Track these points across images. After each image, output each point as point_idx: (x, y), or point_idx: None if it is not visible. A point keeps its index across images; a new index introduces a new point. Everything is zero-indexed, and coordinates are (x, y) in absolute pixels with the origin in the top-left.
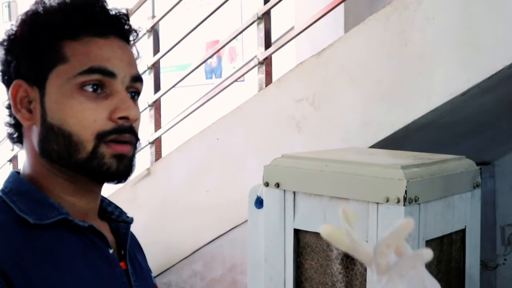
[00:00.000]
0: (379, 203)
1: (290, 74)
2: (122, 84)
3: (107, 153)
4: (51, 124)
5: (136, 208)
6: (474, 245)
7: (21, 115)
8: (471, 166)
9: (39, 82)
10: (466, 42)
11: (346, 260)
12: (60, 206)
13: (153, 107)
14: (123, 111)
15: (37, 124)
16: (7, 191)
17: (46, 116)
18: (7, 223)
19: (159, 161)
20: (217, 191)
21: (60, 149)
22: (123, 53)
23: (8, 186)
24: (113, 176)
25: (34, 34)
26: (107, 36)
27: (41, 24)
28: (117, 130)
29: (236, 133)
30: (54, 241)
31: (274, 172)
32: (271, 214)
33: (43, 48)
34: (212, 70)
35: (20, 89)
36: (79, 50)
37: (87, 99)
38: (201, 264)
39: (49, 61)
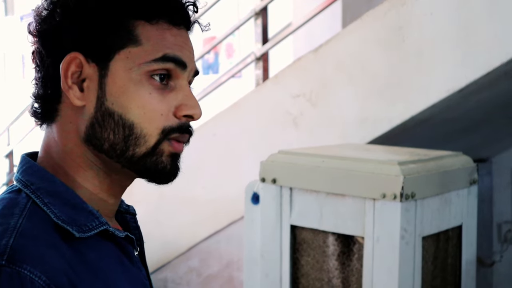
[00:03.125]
0: (375, 199)
1: (287, 70)
2: (187, 78)
3: (167, 150)
4: (111, 111)
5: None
6: (471, 241)
7: (72, 93)
8: (468, 162)
9: (101, 61)
10: (463, 38)
11: (343, 256)
12: (99, 214)
13: None
14: (190, 109)
15: (89, 107)
16: (34, 188)
17: (105, 100)
18: (52, 235)
19: None
20: (213, 186)
21: (116, 139)
22: (191, 46)
23: (35, 183)
24: (166, 175)
25: (106, 4)
26: (180, 26)
27: None
28: (181, 128)
29: (233, 129)
30: (97, 255)
31: (271, 168)
32: (268, 210)
33: (114, 23)
34: (209, 66)
35: (74, 62)
36: (154, 35)
37: (155, 90)
38: (197, 260)
39: (118, 39)
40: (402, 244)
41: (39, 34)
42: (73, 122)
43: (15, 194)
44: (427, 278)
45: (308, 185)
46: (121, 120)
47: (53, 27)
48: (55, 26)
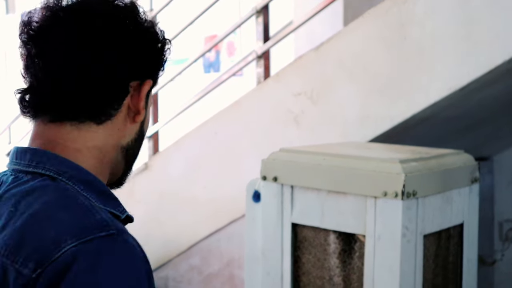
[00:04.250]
0: (377, 197)
1: (289, 68)
2: None
3: None
4: (143, 130)
5: (133, 203)
6: (472, 240)
7: (141, 113)
8: (469, 161)
9: (150, 91)
10: (465, 36)
11: (344, 254)
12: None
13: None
14: None
15: (137, 125)
16: (67, 176)
17: (144, 124)
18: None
19: (156, 155)
20: (214, 185)
21: (138, 152)
22: None
23: (67, 171)
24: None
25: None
26: None
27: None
28: None
29: (234, 127)
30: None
31: (272, 166)
32: (269, 208)
33: (163, 63)
34: (210, 64)
35: (148, 87)
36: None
37: None
38: (198, 258)
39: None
40: (404, 242)
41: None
42: (120, 130)
43: (52, 181)
44: (428, 276)
45: (309, 183)
46: (142, 143)
47: (138, 53)
48: (128, 54)
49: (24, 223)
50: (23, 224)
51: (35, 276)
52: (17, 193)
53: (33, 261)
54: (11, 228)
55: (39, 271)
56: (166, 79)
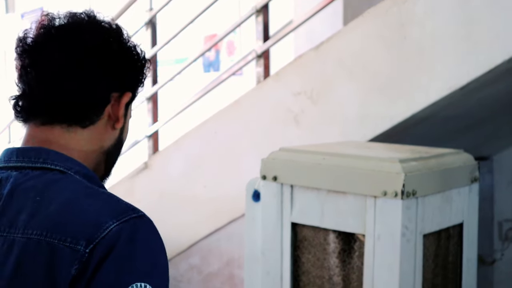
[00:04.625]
0: (376, 196)
1: (288, 68)
2: None
3: None
4: (123, 140)
5: (133, 202)
6: (472, 239)
7: (120, 121)
8: (469, 160)
9: (128, 105)
10: (465, 36)
11: (343, 254)
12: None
13: (150, 100)
14: None
15: (117, 131)
16: (74, 171)
17: (123, 131)
18: None
19: (156, 155)
20: (214, 184)
21: (117, 157)
22: None
23: (72, 167)
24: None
25: (143, 70)
26: None
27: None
28: None
29: (234, 126)
30: None
31: (272, 165)
32: (269, 207)
33: (143, 80)
34: (210, 63)
35: (127, 99)
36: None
37: None
38: (198, 258)
39: (138, 91)
40: (403, 242)
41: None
42: (102, 135)
43: (62, 175)
44: (428, 276)
45: (309, 182)
46: (121, 148)
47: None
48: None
49: (59, 209)
50: (58, 210)
51: (88, 251)
52: (36, 186)
53: (83, 239)
54: (45, 214)
55: (91, 247)
56: (166, 78)
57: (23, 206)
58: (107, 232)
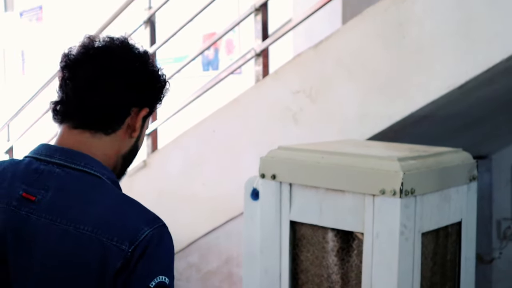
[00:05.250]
0: (375, 195)
1: (287, 66)
2: None
3: None
4: (138, 147)
5: None
6: (470, 238)
7: (136, 131)
8: (467, 159)
9: (146, 118)
10: (464, 35)
11: (342, 252)
12: None
13: None
14: None
15: (134, 139)
16: (106, 178)
17: (138, 140)
18: None
19: (155, 153)
20: (213, 183)
21: (132, 161)
22: None
23: (105, 173)
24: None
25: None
26: None
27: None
28: None
29: (233, 125)
30: None
31: (270, 163)
32: (267, 206)
33: (161, 98)
34: (209, 62)
35: (144, 113)
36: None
37: None
38: (197, 256)
39: (156, 107)
40: (402, 240)
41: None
42: (120, 141)
43: (99, 180)
44: (426, 274)
45: (308, 181)
46: (136, 154)
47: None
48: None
49: (106, 211)
50: (105, 211)
51: (131, 251)
52: (83, 187)
53: (126, 240)
54: (94, 214)
55: (133, 247)
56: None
57: (73, 203)
58: (144, 237)
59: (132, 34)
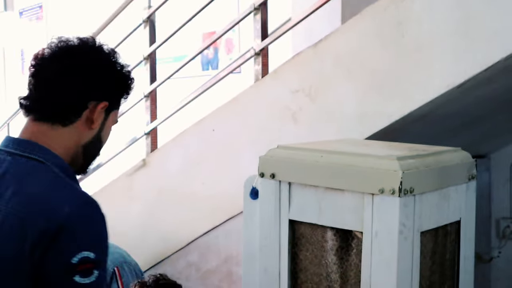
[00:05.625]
0: (374, 194)
1: (287, 65)
2: None
3: None
4: (101, 137)
5: (131, 199)
6: (469, 237)
7: (95, 123)
8: (466, 158)
9: (108, 111)
10: (463, 33)
11: (341, 251)
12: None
13: (149, 98)
14: None
15: (95, 131)
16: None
17: (101, 131)
18: None
19: (154, 152)
20: (212, 182)
21: (94, 154)
22: None
23: (49, 159)
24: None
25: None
26: None
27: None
28: None
29: (232, 124)
30: None
31: (270, 162)
32: (266, 205)
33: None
34: (208, 61)
35: (104, 106)
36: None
37: None
38: (196, 255)
39: (118, 105)
40: (401, 239)
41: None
42: (80, 133)
43: (42, 164)
44: (425, 273)
45: (307, 180)
46: (100, 145)
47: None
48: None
49: (33, 192)
50: (32, 192)
51: (46, 227)
52: (21, 170)
53: (43, 217)
54: (23, 194)
55: (49, 224)
56: (165, 76)
57: (10, 185)
58: (62, 214)
59: (132, 33)
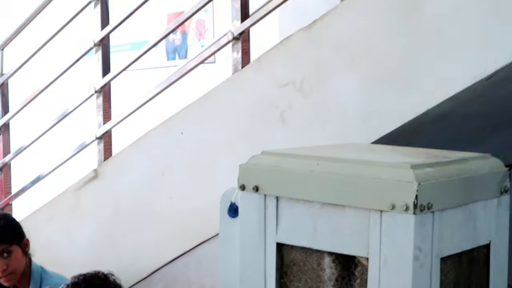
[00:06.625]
0: (383, 210)
1: (273, 53)
2: None
3: None
4: None
5: (80, 219)
6: (501, 264)
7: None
8: (498, 166)
9: None
10: (493, 13)
11: (342, 281)
12: None
13: (101, 94)
14: None
15: None
16: None
17: None
18: None
19: (108, 161)
20: (181, 197)
21: None
22: None
23: None
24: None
25: None
26: None
27: None
28: None
29: (205, 126)
30: None
31: (252, 172)
32: (248, 224)
33: None
34: (175, 49)
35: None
36: None
37: None
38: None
39: None
40: (416, 267)
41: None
42: None
43: None
44: None
45: (299, 193)
46: None
47: None
48: None
49: None
50: None
51: None
52: None
53: None
54: None
55: None
56: (120, 67)
57: None
58: None
59: (79, 14)
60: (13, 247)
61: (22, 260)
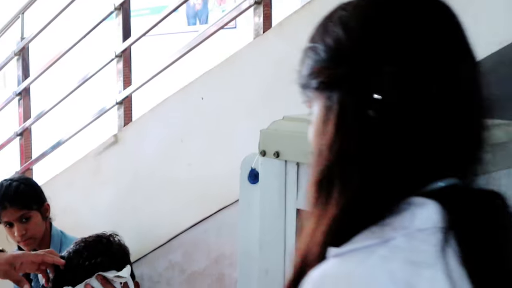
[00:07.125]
0: None
1: (295, 17)
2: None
3: None
4: None
5: (100, 184)
6: None
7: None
8: None
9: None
10: None
11: None
12: None
13: (121, 59)
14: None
15: None
16: None
17: None
18: None
19: (128, 126)
20: (201, 163)
21: None
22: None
23: None
24: None
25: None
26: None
27: None
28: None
29: (226, 91)
30: None
31: (273, 138)
32: (269, 190)
33: None
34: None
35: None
36: None
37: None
38: (180, 254)
39: None
40: None
41: None
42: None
43: None
44: None
45: None
46: None
47: None
48: None
49: None
50: None
51: None
52: None
53: None
54: None
55: None
56: (140, 32)
57: None
58: None
59: None
60: (32, 213)
61: (42, 225)
